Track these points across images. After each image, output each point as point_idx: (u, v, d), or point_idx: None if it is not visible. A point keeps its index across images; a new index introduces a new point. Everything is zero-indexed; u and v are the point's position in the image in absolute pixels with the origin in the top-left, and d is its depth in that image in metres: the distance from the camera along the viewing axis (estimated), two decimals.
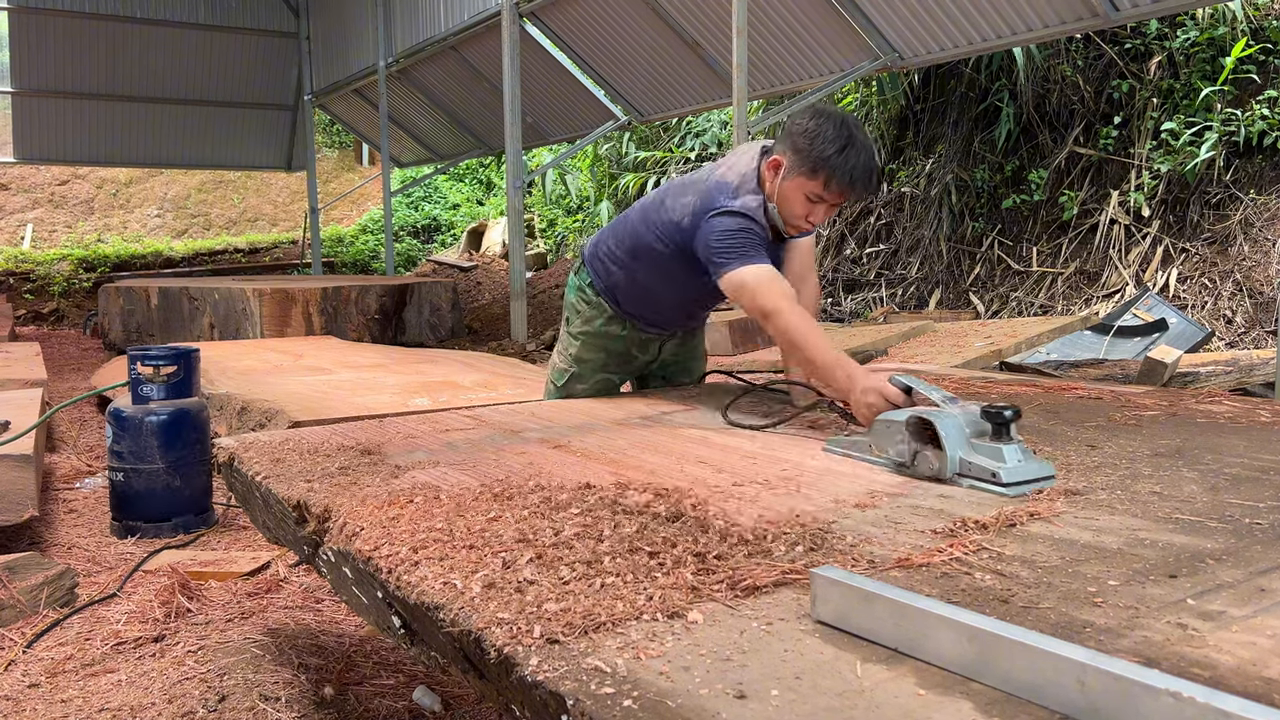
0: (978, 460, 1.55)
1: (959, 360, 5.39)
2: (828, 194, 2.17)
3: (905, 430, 1.65)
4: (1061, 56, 8.85)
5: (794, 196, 2.21)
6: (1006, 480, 1.50)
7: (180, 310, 8.35)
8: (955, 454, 1.57)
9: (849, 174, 2.13)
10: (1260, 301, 7.19)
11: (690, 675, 0.91)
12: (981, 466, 1.54)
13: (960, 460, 1.57)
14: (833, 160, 2.12)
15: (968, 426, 1.59)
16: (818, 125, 2.14)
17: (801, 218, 2.25)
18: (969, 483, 1.55)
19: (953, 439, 1.57)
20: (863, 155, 2.13)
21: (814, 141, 2.13)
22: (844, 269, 10.56)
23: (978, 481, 1.54)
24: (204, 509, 3.56)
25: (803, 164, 2.16)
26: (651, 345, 2.71)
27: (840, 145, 2.11)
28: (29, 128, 12.93)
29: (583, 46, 9.63)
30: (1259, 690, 0.84)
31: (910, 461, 1.64)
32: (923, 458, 1.62)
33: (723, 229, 2.20)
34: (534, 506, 1.44)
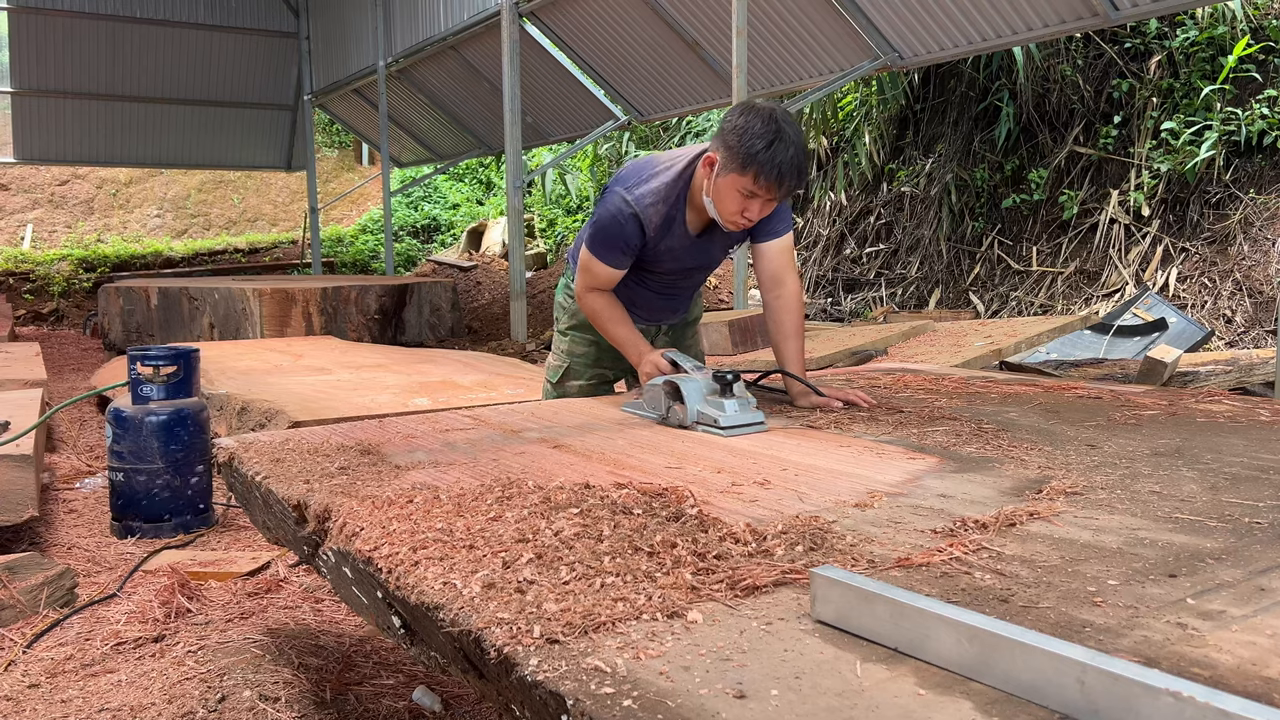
0: (707, 410, 2.04)
1: (959, 360, 5.39)
2: (758, 189, 2.19)
3: (662, 391, 2.14)
4: (1061, 56, 8.85)
5: (728, 193, 2.24)
6: (723, 424, 2.00)
7: (180, 310, 8.35)
8: (694, 407, 2.07)
9: (777, 169, 2.14)
10: (1260, 301, 7.19)
11: (690, 675, 0.91)
12: (709, 415, 2.04)
13: (697, 411, 2.06)
14: (761, 156, 2.13)
15: (705, 387, 2.08)
16: (746, 121, 2.16)
17: (737, 214, 2.27)
18: (702, 428, 2.04)
19: (692, 396, 2.07)
20: (790, 150, 2.14)
21: (742, 138, 2.15)
22: (844, 268, 10.56)
23: (708, 427, 2.03)
24: (204, 509, 3.56)
25: (733, 160, 2.18)
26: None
27: (768, 140, 2.12)
28: (29, 128, 12.93)
29: (583, 46, 9.63)
30: (1259, 690, 0.84)
31: (665, 414, 2.14)
32: (673, 411, 2.11)
33: (599, 214, 2.41)
34: (534, 506, 1.44)
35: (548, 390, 2.87)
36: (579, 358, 2.76)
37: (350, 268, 15.75)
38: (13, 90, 12.53)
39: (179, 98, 13.42)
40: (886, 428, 2.06)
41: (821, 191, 11.21)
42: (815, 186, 11.34)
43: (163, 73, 13.06)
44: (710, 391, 2.07)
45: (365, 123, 14.15)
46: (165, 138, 13.82)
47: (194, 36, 12.90)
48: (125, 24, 12.45)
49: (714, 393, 2.05)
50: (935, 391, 2.53)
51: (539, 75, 10.32)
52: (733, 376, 2.04)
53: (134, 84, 13.03)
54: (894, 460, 1.76)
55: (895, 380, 2.76)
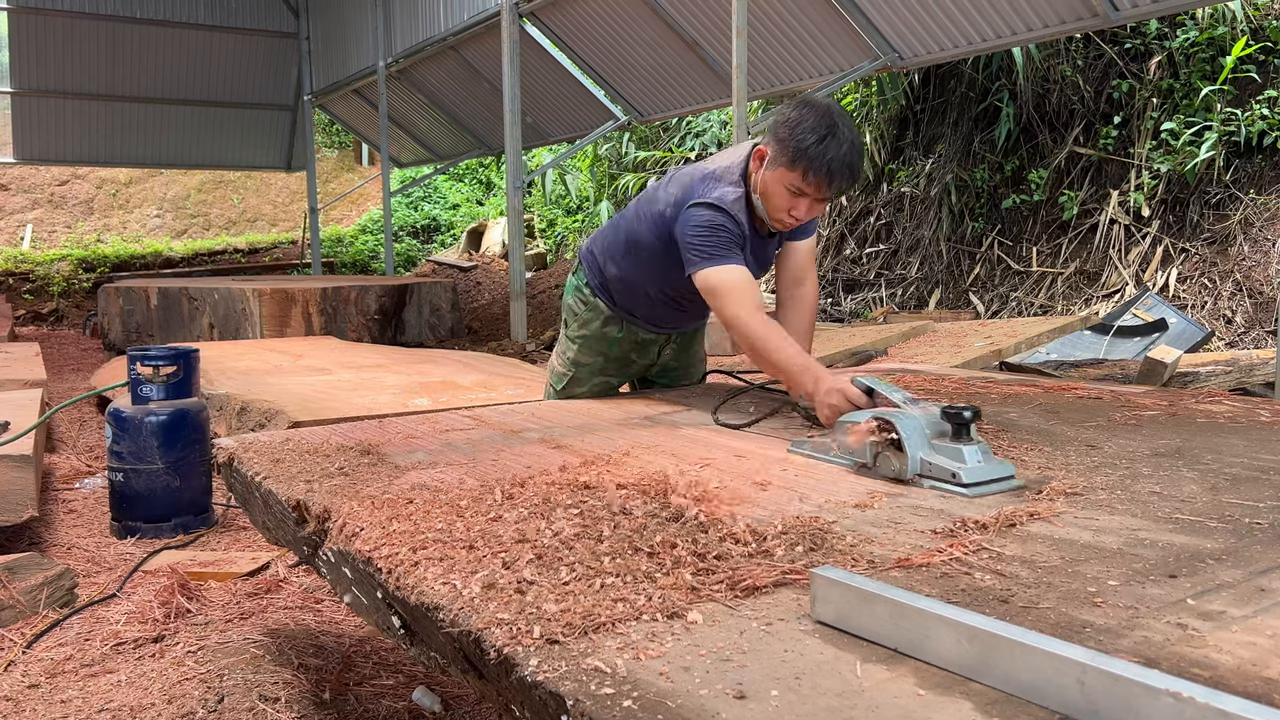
0: (938, 460, 1.56)
1: (959, 360, 5.39)
2: (806, 185, 2.13)
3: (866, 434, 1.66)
4: (1061, 56, 8.85)
5: (775, 188, 2.18)
6: (967, 480, 1.51)
7: (180, 310, 8.35)
8: (916, 454, 1.58)
9: (827, 165, 2.08)
10: (1260, 301, 7.19)
11: (690, 675, 0.91)
12: (942, 467, 1.55)
13: (921, 461, 1.58)
14: (811, 150, 2.07)
15: (928, 427, 1.61)
16: (800, 115, 2.10)
17: (784, 211, 2.20)
18: (930, 483, 1.56)
19: (913, 440, 1.59)
20: (844, 147, 2.08)
21: (794, 131, 2.09)
22: (844, 269, 10.56)
23: (938, 482, 1.55)
24: (204, 509, 3.56)
25: (784, 153, 2.12)
26: (650, 349, 2.71)
27: (820, 136, 2.07)
28: (29, 128, 12.93)
29: (583, 46, 9.63)
30: (1259, 690, 0.84)
31: (872, 462, 1.64)
32: (884, 458, 1.62)
33: (696, 223, 2.20)
34: (534, 506, 1.44)
35: (549, 395, 2.81)
36: (585, 367, 2.69)
37: (350, 268, 15.74)
38: (13, 90, 12.53)
39: (179, 98, 13.42)
40: None
41: None
42: None
43: (163, 73, 13.05)
44: (937, 433, 1.61)
45: (365, 123, 14.15)
46: (165, 138, 13.82)
47: (194, 36, 12.89)
48: (125, 24, 12.44)
49: (942, 435, 1.60)
50: (935, 392, 2.53)
51: (539, 75, 10.32)
52: (971, 414, 1.57)
53: (134, 84, 13.03)
54: None
55: (895, 380, 2.75)
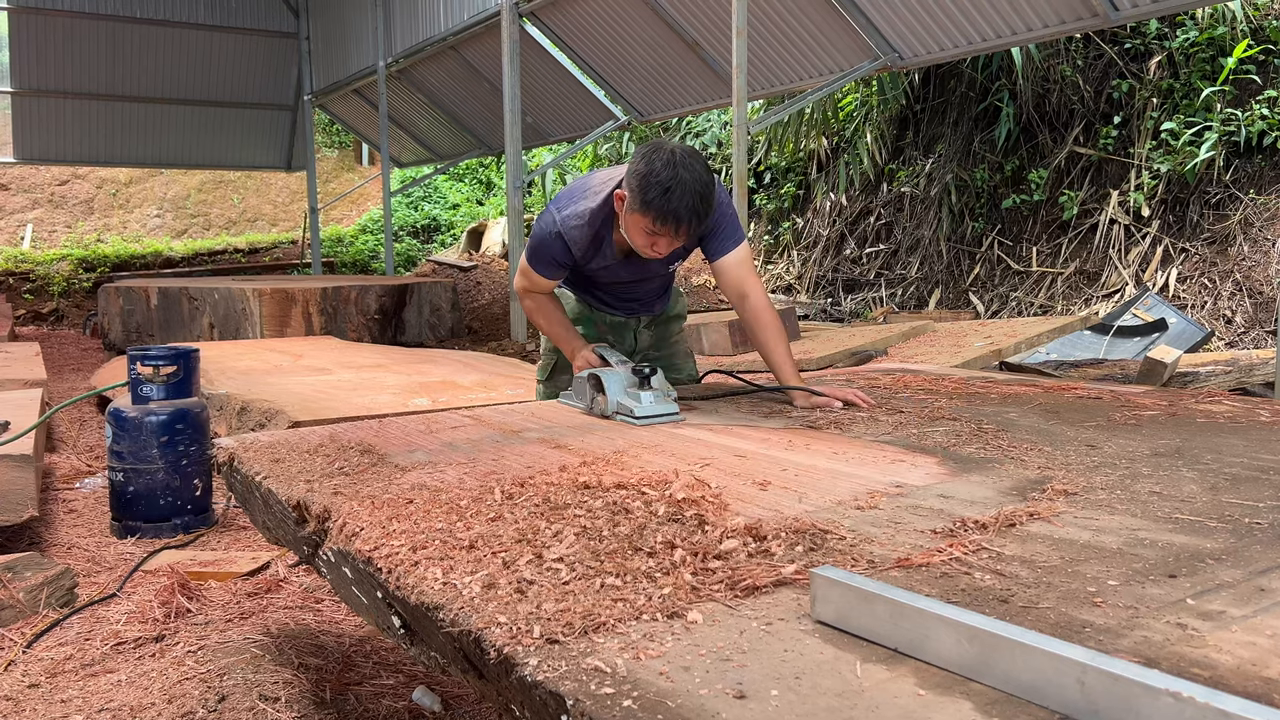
0: (625, 401, 2.20)
1: (958, 360, 5.39)
2: (659, 230, 2.29)
3: (587, 383, 2.32)
4: (1061, 56, 8.85)
5: (634, 230, 2.35)
6: (638, 414, 2.16)
7: (180, 310, 8.35)
8: (614, 398, 2.23)
9: (674, 214, 2.25)
10: (1260, 301, 7.19)
11: (690, 675, 0.91)
12: (626, 405, 2.19)
13: (616, 402, 2.22)
14: (656, 203, 2.23)
15: (625, 380, 2.25)
16: (648, 166, 2.25)
17: (647, 247, 2.38)
18: (620, 417, 2.20)
19: (613, 388, 2.24)
20: (687, 196, 2.23)
21: (642, 183, 2.25)
22: (844, 269, 10.56)
23: (625, 416, 2.19)
24: (204, 509, 3.56)
25: (634, 202, 2.28)
26: (624, 332, 2.86)
27: (665, 188, 2.22)
28: (29, 128, 12.93)
29: (583, 46, 9.63)
30: (1259, 690, 0.84)
31: (590, 405, 2.32)
32: (596, 401, 2.29)
33: (538, 227, 2.56)
34: (534, 506, 1.44)
35: (539, 389, 2.95)
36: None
37: (350, 268, 15.74)
38: (13, 90, 12.53)
39: (179, 98, 13.42)
40: (886, 428, 2.06)
41: (821, 192, 11.21)
42: (815, 187, 11.34)
43: (163, 73, 13.05)
44: (630, 384, 2.23)
45: (365, 123, 14.15)
46: (165, 138, 13.81)
47: (194, 36, 12.89)
48: (125, 24, 12.44)
49: (634, 385, 2.22)
50: (935, 392, 2.53)
51: (539, 75, 10.32)
52: (650, 370, 2.21)
53: (134, 84, 13.03)
54: (894, 460, 1.76)
55: (895, 380, 2.75)
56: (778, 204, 11.71)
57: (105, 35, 12.43)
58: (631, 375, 2.25)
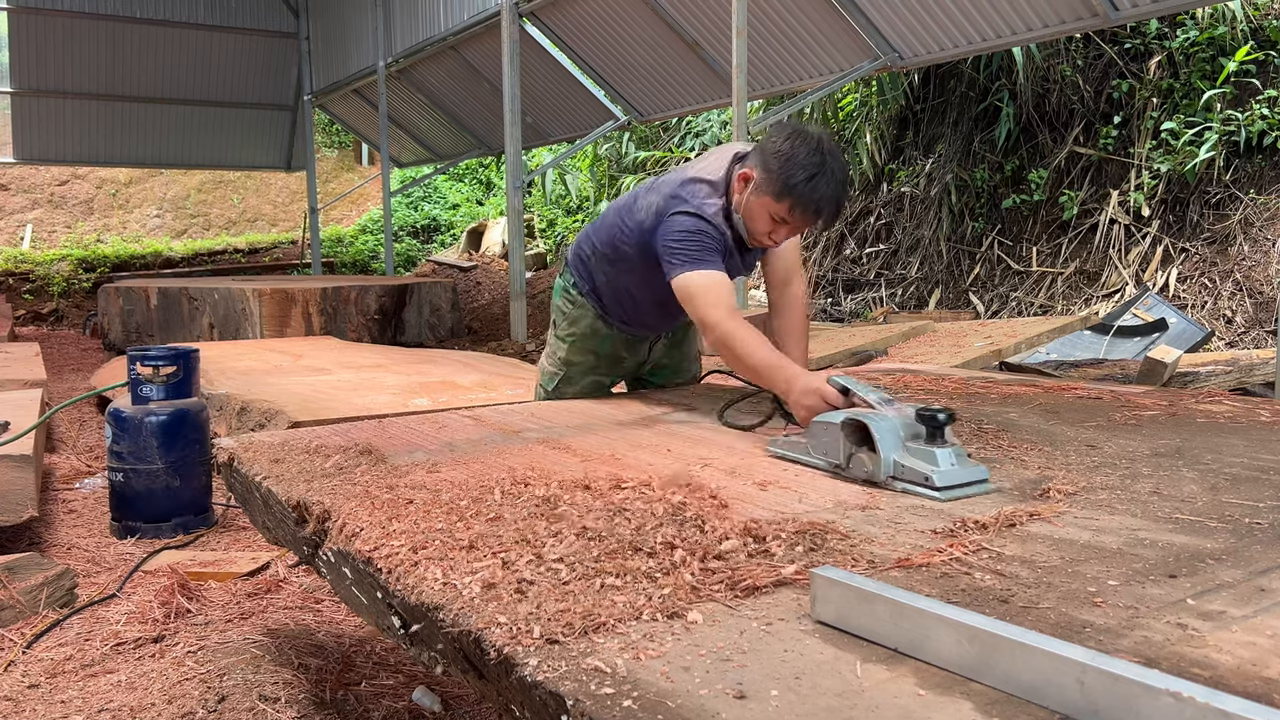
0: (911, 463, 1.54)
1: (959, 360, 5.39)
2: (791, 218, 2.16)
3: (840, 432, 1.64)
4: (1061, 56, 8.85)
5: (759, 214, 2.19)
6: (939, 484, 1.50)
7: (180, 310, 8.35)
8: (889, 456, 1.57)
9: (815, 204, 2.11)
10: (1260, 301, 7.19)
11: (690, 675, 0.91)
12: (915, 470, 1.54)
13: (894, 463, 1.57)
14: (800, 188, 2.09)
15: (903, 429, 1.59)
16: (792, 148, 2.11)
17: (764, 234, 2.23)
18: (903, 486, 1.55)
19: (887, 442, 1.57)
20: (832, 185, 2.10)
21: (785, 165, 2.10)
22: (844, 269, 10.56)
23: (911, 485, 1.54)
24: (204, 509, 3.55)
25: (771, 184, 2.13)
26: (640, 347, 2.70)
27: (810, 173, 2.08)
28: (29, 128, 12.92)
29: (583, 46, 9.63)
30: (1259, 690, 0.84)
31: (845, 464, 1.64)
32: (857, 460, 1.62)
33: (678, 229, 2.20)
34: (534, 506, 1.44)
35: (540, 395, 2.78)
36: (575, 366, 2.68)
37: (350, 268, 15.74)
38: (13, 90, 12.53)
39: (179, 98, 13.41)
40: None
41: None
42: None
43: (163, 73, 13.05)
44: (911, 435, 1.59)
45: (365, 123, 14.15)
46: (165, 138, 13.81)
47: (194, 36, 12.89)
48: (125, 24, 12.44)
49: (917, 437, 1.58)
50: (935, 392, 2.53)
51: (539, 75, 10.32)
52: (945, 417, 1.56)
53: (134, 84, 13.03)
54: None
55: (895, 380, 2.75)
56: None
57: (105, 35, 12.43)
58: (914, 423, 1.60)
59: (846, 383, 1.82)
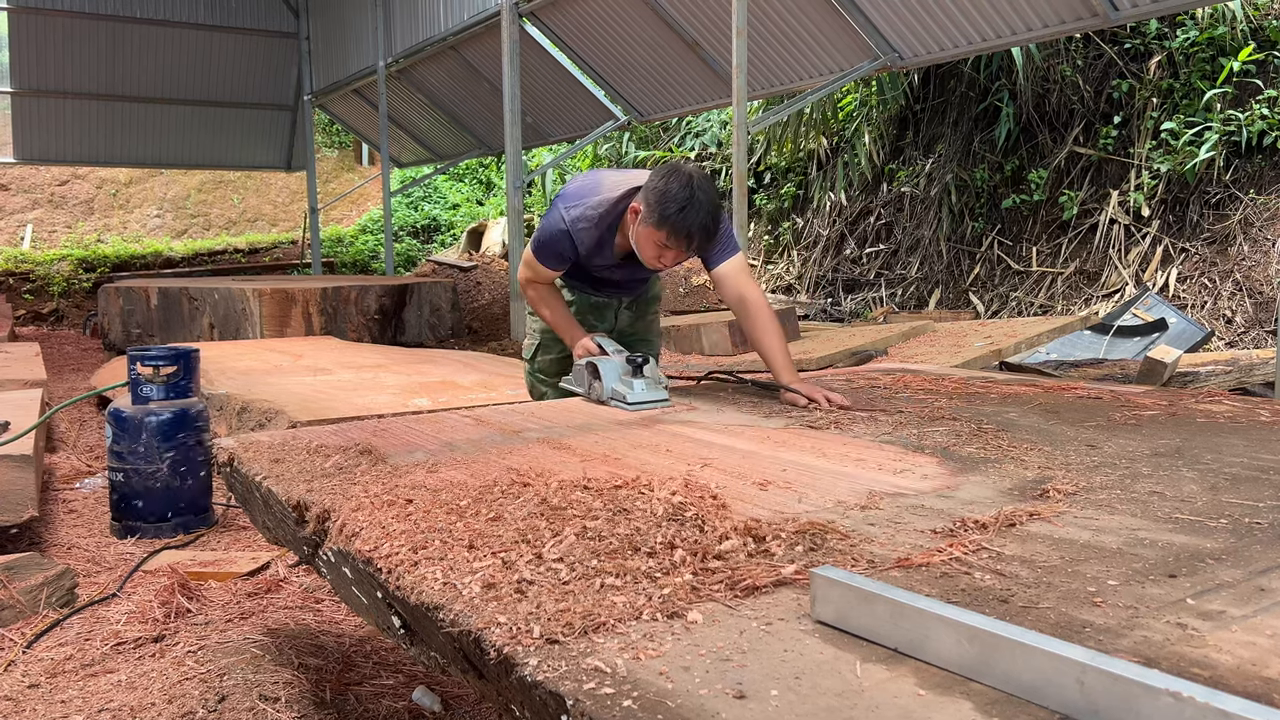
0: (619, 388, 2.38)
1: (958, 360, 5.39)
2: (669, 243, 2.49)
3: (585, 370, 2.51)
4: (1061, 56, 8.85)
5: (645, 242, 2.54)
6: (630, 400, 2.33)
7: (180, 310, 8.35)
8: (609, 385, 2.41)
9: (687, 230, 2.45)
10: (1260, 301, 7.19)
11: (690, 675, 0.91)
12: (620, 391, 2.37)
13: (611, 389, 2.40)
14: (673, 219, 2.43)
15: (620, 368, 2.42)
16: (666, 185, 2.44)
17: (654, 259, 2.57)
18: (614, 403, 2.37)
19: (608, 375, 2.43)
20: (700, 214, 2.43)
21: (660, 199, 2.44)
22: (844, 269, 10.56)
23: (619, 402, 2.35)
24: (204, 509, 3.55)
25: (650, 217, 2.47)
26: (606, 312, 3.02)
27: (680, 205, 2.41)
28: (29, 128, 12.93)
29: (583, 46, 9.63)
30: (1259, 690, 0.84)
31: (587, 391, 2.51)
32: (594, 387, 2.48)
33: (548, 221, 2.70)
34: (534, 506, 1.44)
35: (527, 369, 3.15)
36: (549, 334, 3.00)
37: (350, 268, 15.74)
38: (13, 90, 12.53)
39: (179, 98, 13.41)
40: (886, 428, 2.06)
41: (821, 192, 11.21)
42: (815, 186, 11.34)
43: (163, 73, 13.05)
44: (625, 372, 2.40)
45: (365, 123, 14.15)
46: (165, 138, 13.81)
47: (194, 36, 12.89)
48: (125, 24, 12.44)
49: (627, 373, 2.39)
50: (935, 392, 2.54)
51: (539, 75, 10.32)
52: (643, 359, 2.40)
53: (134, 84, 13.03)
54: (894, 460, 1.76)
55: (895, 380, 2.75)
56: (777, 204, 11.71)
57: (105, 35, 12.43)
58: (625, 364, 2.41)
59: (601, 340, 2.61)
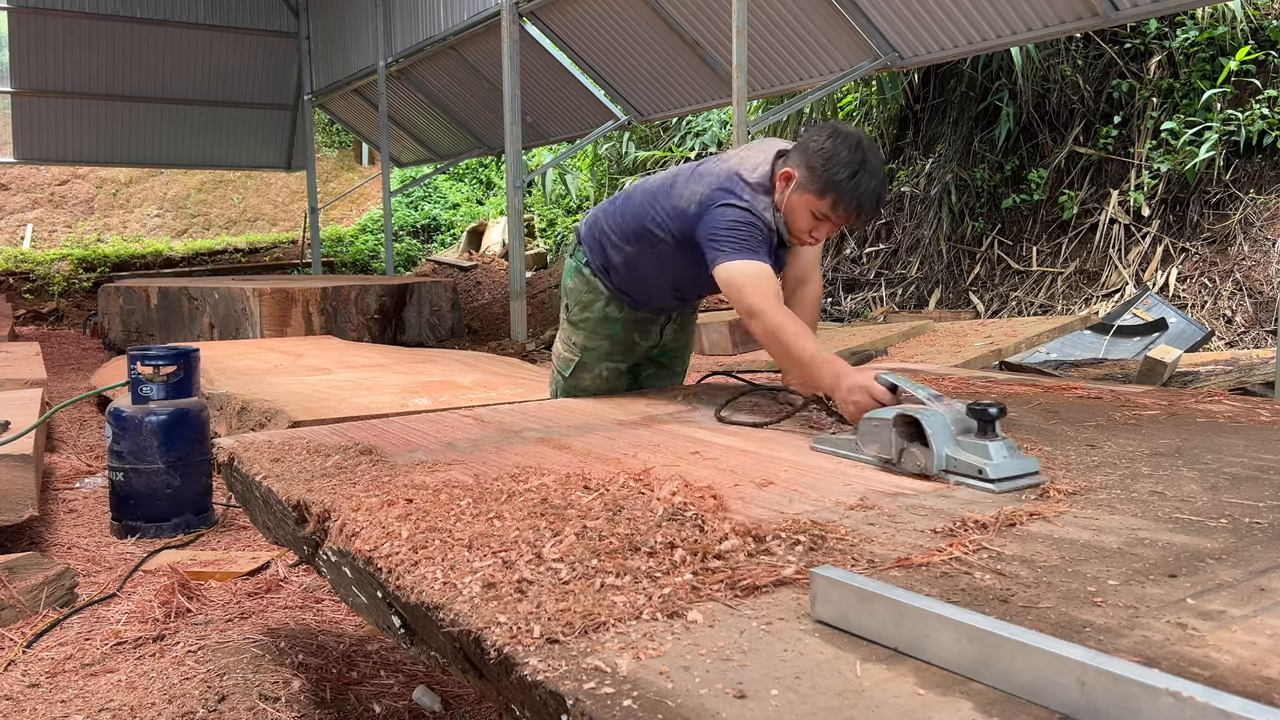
0: (964, 457, 1.57)
1: (959, 360, 5.39)
2: (834, 215, 2.22)
3: (892, 428, 1.66)
4: (1061, 56, 8.85)
5: (801, 211, 2.24)
6: (993, 476, 1.53)
7: (180, 310, 8.35)
8: (942, 450, 1.60)
9: (857, 200, 2.17)
10: (1260, 301, 7.19)
11: (690, 675, 0.91)
12: (968, 463, 1.56)
13: (947, 457, 1.59)
14: (843, 185, 2.15)
15: (953, 424, 1.62)
16: (833, 146, 2.17)
17: (806, 232, 2.28)
18: (956, 479, 1.58)
19: (939, 436, 1.60)
20: (873, 182, 2.17)
21: (828, 163, 2.16)
22: (844, 268, 10.56)
23: (964, 478, 1.56)
24: (204, 509, 3.56)
25: (814, 182, 2.19)
26: (651, 329, 2.73)
27: (852, 170, 2.14)
28: (29, 128, 12.93)
29: (583, 46, 9.63)
30: (1259, 690, 0.84)
31: (897, 459, 1.66)
32: (909, 455, 1.64)
33: (728, 219, 2.24)
34: (534, 506, 1.44)
35: (558, 382, 2.80)
36: (591, 352, 2.69)
37: (350, 268, 15.74)
38: (13, 90, 12.53)
39: (179, 98, 13.42)
40: None
41: None
42: None
43: (163, 73, 13.05)
44: (962, 429, 1.63)
45: (365, 123, 14.15)
46: (165, 138, 13.82)
47: (194, 36, 12.89)
48: (125, 24, 12.44)
49: (967, 431, 1.62)
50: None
51: (539, 75, 10.32)
52: (997, 411, 1.58)
53: (134, 84, 13.03)
54: None
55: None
56: None
57: (105, 35, 12.43)
58: (964, 417, 1.63)
59: (895, 379, 1.86)
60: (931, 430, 1.60)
